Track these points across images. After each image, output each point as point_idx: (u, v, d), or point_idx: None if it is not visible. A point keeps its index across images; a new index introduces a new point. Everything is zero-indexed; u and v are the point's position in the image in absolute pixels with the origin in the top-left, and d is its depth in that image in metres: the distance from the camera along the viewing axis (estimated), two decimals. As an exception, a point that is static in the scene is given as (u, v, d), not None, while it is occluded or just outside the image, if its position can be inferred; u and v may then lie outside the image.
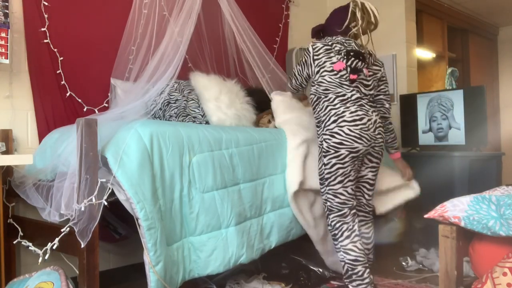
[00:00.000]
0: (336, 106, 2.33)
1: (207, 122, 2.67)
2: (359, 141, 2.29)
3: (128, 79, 2.69)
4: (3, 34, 2.28)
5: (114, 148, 1.87)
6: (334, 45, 2.45)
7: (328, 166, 2.31)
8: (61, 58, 2.58)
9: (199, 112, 2.70)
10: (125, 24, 2.70)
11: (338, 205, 2.33)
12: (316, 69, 2.43)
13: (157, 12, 2.72)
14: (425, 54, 4.70)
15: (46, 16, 2.52)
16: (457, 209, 1.74)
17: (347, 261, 2.30)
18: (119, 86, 2.67)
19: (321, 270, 2.72)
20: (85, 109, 2.65)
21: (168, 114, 2.66)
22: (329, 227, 2.38)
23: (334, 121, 2.30)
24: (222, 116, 2.67)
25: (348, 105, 2.33)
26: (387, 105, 2.60)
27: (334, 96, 2.35)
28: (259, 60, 2.86)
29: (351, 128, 2.28)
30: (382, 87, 2.58)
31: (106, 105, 2.72)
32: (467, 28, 5.41)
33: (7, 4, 2.30)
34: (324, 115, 2.36)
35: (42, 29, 2.51)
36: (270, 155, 2.44)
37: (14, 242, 2.22)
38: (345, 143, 2.28)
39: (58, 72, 2.57)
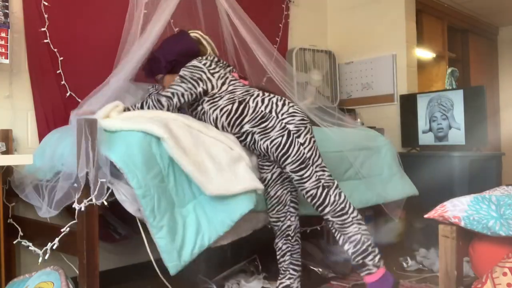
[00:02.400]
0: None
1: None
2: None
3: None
4: (3, 34, 2.28)
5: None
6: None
7: (306, 144, 2.18)
8: (61, 58, 2.58)
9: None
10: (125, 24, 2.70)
11: (330, 178, 2.21)
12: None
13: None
14: (425, 54, 4.70)
15: (46, 16, 2.52)
16: (457, 209, 1.74)
17: (363, 232, 2.15)
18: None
19: (321, 270, 2.73)
20: (85, 109, 2.64)
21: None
22: (334, 205, 2.17)
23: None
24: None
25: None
26: None
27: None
28: (265, 53, 2.86)
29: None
30: None
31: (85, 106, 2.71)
32: (467, 28, 5.41)
33: (7, 4, 2.30)
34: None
35: (42, 29, 2.51)
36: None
37: (14, 242, 2.22)
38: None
39: (58, 72, 2.57)
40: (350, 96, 4.22)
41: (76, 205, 1.82)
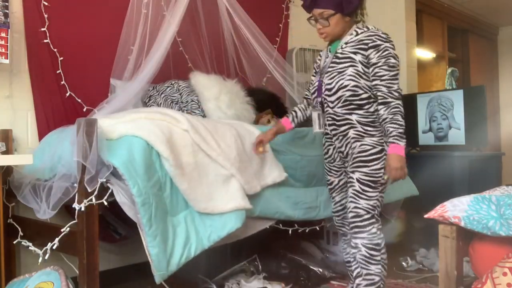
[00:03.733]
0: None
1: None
2: None
3: (127, 79, 2.69)
4: (3, 34, 2.28)
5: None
6: None
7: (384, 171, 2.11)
8: (61, 58, 2.58)
9: (199, 113, 2.71)
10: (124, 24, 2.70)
11: (379, 214, 2.17)
12: None
13: (157, 12, 2.72)
14: (425, 54, 4.70)
15: (46, 16, 2.52)
16: (457, 209, 1.74)
17: (383, 276, 2.12)
18: (119, 86, 2.67)
19: (321, 270, 2.73)
20: (85, 109, 2.64)
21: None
22: (375, 238, 2.10)
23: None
24: (222, 115, 2.67)
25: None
26: None
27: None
28: (264, 52, 2.87)
29: None
30: None
31: (106, 105, 2.72)
32: (467, 28, 5.41)
33: (7, 4, 2.30)
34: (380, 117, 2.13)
35: (42, 29, 2.51)
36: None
37: (14, 242, 2.22)
38: None
39: (58, 72, 2.57)
40: (350, 96, 4.21)
41: (76, 205, 1.82)
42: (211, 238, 2.01)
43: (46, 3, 2.53)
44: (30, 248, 2.09)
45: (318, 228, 2.72)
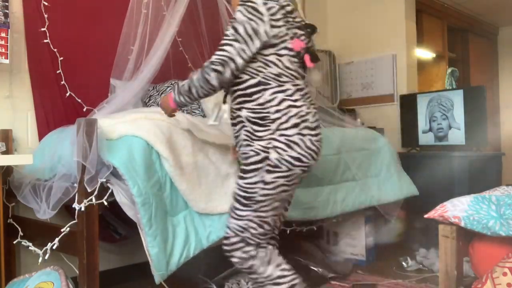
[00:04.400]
0: (298, 104, 1.67)
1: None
2: (316, 157, 1.71)
3: (127, 79, 2.69)
4: (3, 34, 2.28)
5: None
6: (287, 8, 1.69)
7: (270, 187, 1.66)
8: (61, 58, 2.58)
9: (199, 113, 2.71)
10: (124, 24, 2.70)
11: (260, 236, 1.74)
12: (274, 41, 1.66)
13: (157, 12, 2.72)
14: (425, 54, 4.70)
15: (46, 16, 2.52)
16: (457, 209, 1.74)
17: None
18: (119, 86, 2.67)
19: (321, 270, 2.73)
20: (85, 109, 2.64)
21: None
22: (245, 263, 1.75)
23: (296, 125, 1.65)
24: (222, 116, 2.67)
25: (307, 103, 1.72)
26: None
27: (293, 89, 1.68)
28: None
29: (313, 138, 1.69)
30: None
31: (106, 105, 2.72)
32: (467, 28, 5.41)
33: (7, 4, 2.30)
34: (278, 111, 1.65)
35: (42, 29, 2.51)
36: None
37: (14, 242, 2.22)
38: (303, 159, 1.66)
39: (58, 72, 2.57)
40: (350, 96, 4.22)
41: (76, 205, 1.82)
42: (210, 238, 2.01)
43: (46, 3, 2.53)
44: (30, 248, 2.09)
45: (315, 228, 2.72)
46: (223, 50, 1.66)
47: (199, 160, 2.08)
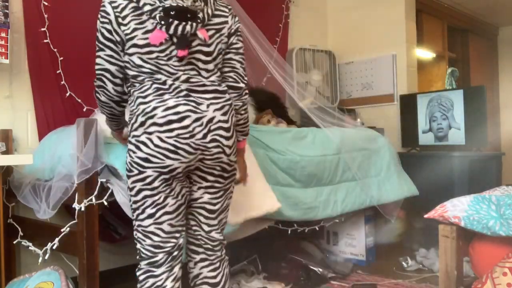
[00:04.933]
0: (147, 100, 1.51)
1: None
2: (173, 155, 1.49)
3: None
4: (3, 34, 2.28)
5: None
6: (141, 1, 1.51)
7: (133, 193, 1.54)
8: (61, 58, 2.58)
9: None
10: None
11: (150, 248, 1.57)
12: (125, 41, 1.53)
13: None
14: (425, 54, 4.70)
15: (46, 16, 2.52)
16: (457, 209, 1.74)
17: None
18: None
19: (321, 270, 2.73)
20: (84, 109, 2.65)
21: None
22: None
23: (142, 124, 1.50)
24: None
25: (166, 96, 1.51)
26: (241, 80, 1.71)
27: (148, 84, 1.54)
28: (264, 52, 2.87)
29: (163, 135, 1.48)
30: (233, 46, 1.68)
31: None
32: (467, 28, 5.41)
33: (7, 4, 2.30)
34: (131, 112, 1.56)
35: (42, 29, 2.51)
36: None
37: (14, 242, 2.22)
38: (152, 159, 1.48)
39: (58, 72, 2.57)
40: (350, 96, 4.22)
41: (76, 205, 1.82)
42: None
43: (46, 3, 2.53)
44: (30, 248, 2.10)
45: (317, 228, 2.72)
46: (96, 63, 1.59)
47: None
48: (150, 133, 1.48)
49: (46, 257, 1.92)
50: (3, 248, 2.07)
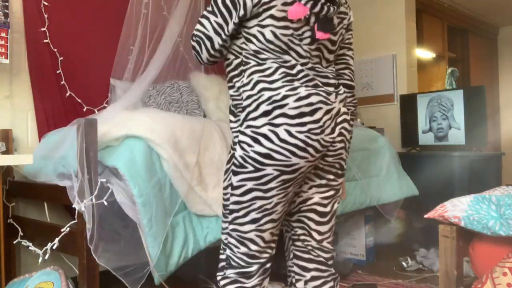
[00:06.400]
0: (274, 86, 1.32)
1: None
2: (302, 153, 1.31)
3: (127, 79, 2.69)
4: (3, 34, 2.28)
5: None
6: None
7: (238, 192, 1.35)
8: (61, 58, 2.58)
9: (199, 113, 2.71)
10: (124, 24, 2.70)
11: (244, 257, 1.38)
12: (257, 11, 1.32)
13: (157, 12, 2.72)
14: (425, 54, 4.70)
15: (46, 16, 2.52)
16: (457, 209, 1.74)
17: None
18: (119, 86, 2.68)
19: (321, 270, 2.72)
20: (85, 109, 2.65)
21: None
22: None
23: (266, 113, 1.30)
24: (222, 116, 2.67)
25: (295, 84, 1.33)
26: (354, 79, 1.60)
27: (274, 67, 1.34)
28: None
29: (294, 129, 1.29)
30: (347, 41, 1.61)
31: (106, 105, 2.72)
32: (467, 28, 5.41)
33: (7, 4, 2.30)
34: (249, 97, 1.34)
35: (42, 29, 2.51)
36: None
37: (14, 242, 2.22)
38: (276, 156, 1.29)
39: (58, 72, 2.57)
40: (350, 96, 4.22)
41: (76, 205, 1.82)
42: (207, 239, 2.01)
43: (46, 3, 2.53)
44: (30, 248, 2.09)
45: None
46: (200, 23, 1.39)
47: (199, 161, 2.08)
48: (276, 126, 1.28)
49: (46, 257, 1.92)
50: (3, 248, 2.07)
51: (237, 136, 1.36)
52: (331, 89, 1.40)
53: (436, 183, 3.18)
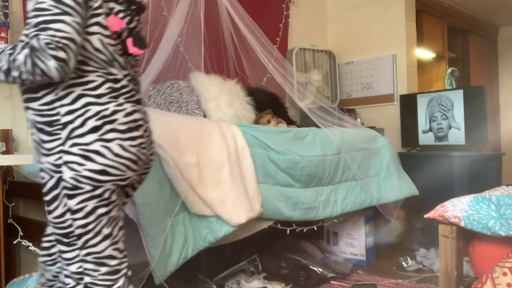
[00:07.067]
0: (102, 101, 1.24)
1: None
2: (134, 166, 1.30)
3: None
4: (3, 34, 2.28)
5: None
6: None
7: (81, 215, 1.24)
8: (61, 58, 2.58)
9: (199, 113, 2.71)
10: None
11: (107, 277, 1.29)
12: (88, 14, 1.22)
13: (157, 12, 2.72)
14: (425, 54, 4.70)
15: (46, 16, 2.52)
16: (457, 209, 1.74)
17: None
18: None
19: (321, 270, 2.73)
20: (85, 109, 2.64)
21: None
22: None
23: (95, 129, 1.23)
24: (222, 116, 2.67)
25: (120, 100, 1.28)
26: None
27: (100, 80, 1.25)
28: (264, 52, 2.87)
29: (127, 144, 1.27)
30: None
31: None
32: (467, 28, 5.41)
33: (7, 4, 2.30)
34: (71, 112, 1.22)
35: (42, 29, 2.51)
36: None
37: (14, 242, 2.22)
38: (111, 171, 1.24)
39: (58, 72, 2.57)
40: (350, 96, 4.22)
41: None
42: (207, 239, 2.02)
43: (46, 3, 2.52)
44: (30, 248, 2.10)
45: (316, 228, 2.72)
46: (55, 29, 1.14)
47: (199, 161, 2.08)
48: (108, 141, 1.23)
49: (46, 257, 1.92)
50: (3, 248, 2.07)
51: (59, 158, 1.23)
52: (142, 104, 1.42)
53: (436, 183, 3.17)
